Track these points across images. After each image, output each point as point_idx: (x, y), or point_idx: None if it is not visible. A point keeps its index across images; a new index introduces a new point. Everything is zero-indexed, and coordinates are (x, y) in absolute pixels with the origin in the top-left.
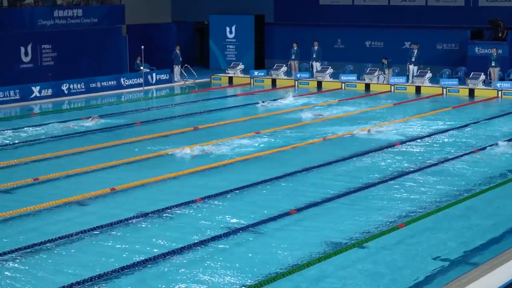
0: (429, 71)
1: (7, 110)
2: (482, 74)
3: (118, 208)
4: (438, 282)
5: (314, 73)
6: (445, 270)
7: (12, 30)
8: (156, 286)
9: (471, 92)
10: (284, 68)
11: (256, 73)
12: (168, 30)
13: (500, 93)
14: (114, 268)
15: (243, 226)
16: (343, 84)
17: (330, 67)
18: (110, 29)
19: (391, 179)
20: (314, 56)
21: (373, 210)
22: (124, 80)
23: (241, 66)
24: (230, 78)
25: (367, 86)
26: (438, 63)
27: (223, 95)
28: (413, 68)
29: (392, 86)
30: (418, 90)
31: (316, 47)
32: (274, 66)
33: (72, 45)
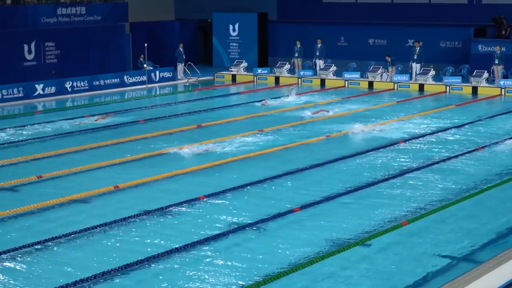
0: (432, 69)
1: (11, 108)
2: (486, 72)
3: (121, 206)
4: (441, 279)
5: (317, 70)
6: (448, 268)
7: (15, 27)
8: (158, 284)
9: (475, 90)
10: (287, 65)
11: (259, 70)
12: (171, 28)
13: (503, 90)
14: (118, 266)
15: (246, 224)
16: (346, 82)
17: (333, 65)
18: (113, 27)
19: (394, 177)
20: (317, 53)
21: (376, 207)
22: (127, 78)
23: (244, 64)
24: (234, 76)
25: (370, 84)
26: (441, 61)
27: (226, 93)
28: (416, 66)
29: (395, 84)
30: (422, 88)
31: (319, 45)
32: (277, 64)
33: (75, 43)
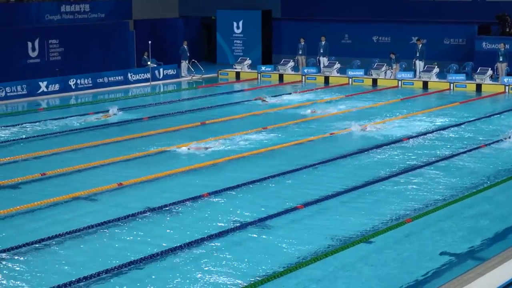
0: (436, 66)
1: (14, 105)
2: (490, 69)
3: (124, 203)
4: (445, 277)
5: (321, 68)
6: (452, 265)
7: (19, 25)
8: (161, 281)
9: (479, 87)
10: (291, 63)
11: (263, 68)
12: (175, 25)
13: (507, 88)
14: (121, 263)
15: (250, 221)
16: (350, 79)
17: (337, 62)
18: (117, 24)
19: (398, 174)
20: (321, 51)
21: (380, 205)
22: (131, 75)
23: (248, 61)
24: (237, 73)
25: (374, 81)
26: (445, 58)
27: (230, 90)
28: (419, 63)
29: (399, 81)
30: (426, 85)
31: (323, 42)
32: (281, 61)
33: (79, 40)
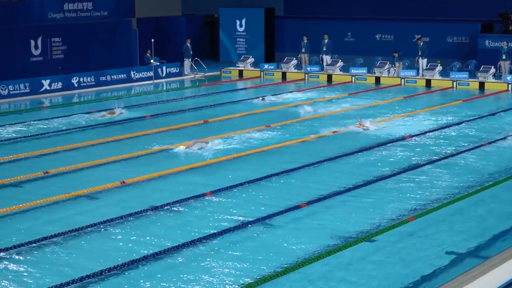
0: (439, 64)
1: (17, 103)
2: (492, 67)
3: (127, 201)
4: (448, 275)
5: (324, 66)
6: (455, 263)
7: (22, 23)
8: (166, 279)
9: (481, 85)
10: (294, 61)
11: (266, 66)
12: (178, 23)
13: (510, 86)
14: (124, 261)
15: (253, 219)
16: (353, 77)
17: (340, 60)
18: (120, 22)
19: (401, 173)
20: (324, 49)
21: (383, 203)
22: (134, 73)
23: (251, 59)
24: (240, 71)
25: (377, 79)
26: (448, 56)
27: (233, 88)
28: (422, 61)
29: (402, 80)
30: (428, 83)
31: (326, 40)
32: (284, 59)
33: (82, 38)
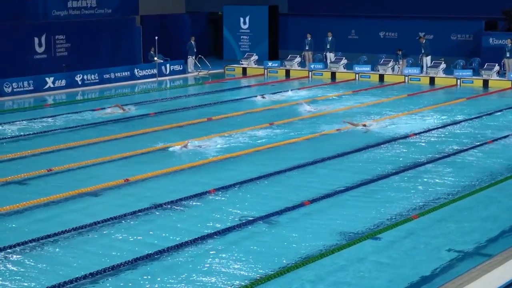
0: (443, 62)
1: (21, 101)
2: (496, 65)
3: (131, 199)
4: (452, 273)
5: (328, 63)
6: (459, 261)
7: (26, 20)
8: (168, 278)
9: (485, 83)
10: (298, 59)
11: (270, 64)
12: (182, 21)
13: None
14: (127, 259)
15: (256, 217)
16: (357, 75)
17: (344, 58)
18: (124, 20)
19: (405, 170)
20: (328, 46)
21: (387, 201)
22: (138, 71)
23: (255, 57)
24: (244, 69)
25: (381, 77)
26: (452, 54)
27: (237, 86)
28: (425, 59)
29: (406, 77)
30: (432, 81)
31: (330, 38)
32: (288, 57)
33: (86, 36)
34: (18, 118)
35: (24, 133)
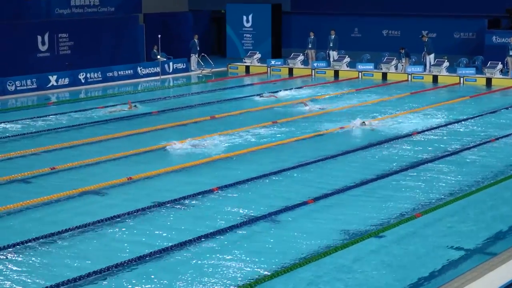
0: (446, 60)
1: (24, 99)
2: (500, 63)
3: (134, 197)
4: (455, 271)
5: (331, 62)
6: (462, 260)
7: (29, 19)
8: (170, 277)
9: (488, 81)
10: (301, 57)
11: (273, 62)
12: (185, 19)
13: None
14: (130, 258)
15: (260, 216)
16: (360, 73)
17: (347, 56)
18: (127, 18)
19: (408, 169)
20: (331, 45)
21: (390, 199)
22: (140, 69)
23: (258, 55)
24: (247, 67)
25: (384, 75)
26: (455, 52)
27: (240, 84)
28: (429, 57)
29: (409, 75)
30: (435, 79)
31: (333, 36)
32: (291, 55)
33: (89, 34)
34: (21, 117)
35: (27, 131)
